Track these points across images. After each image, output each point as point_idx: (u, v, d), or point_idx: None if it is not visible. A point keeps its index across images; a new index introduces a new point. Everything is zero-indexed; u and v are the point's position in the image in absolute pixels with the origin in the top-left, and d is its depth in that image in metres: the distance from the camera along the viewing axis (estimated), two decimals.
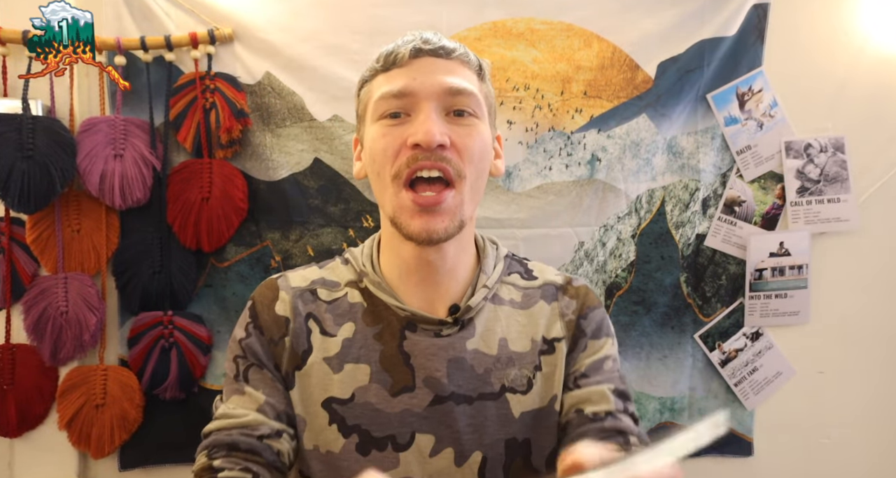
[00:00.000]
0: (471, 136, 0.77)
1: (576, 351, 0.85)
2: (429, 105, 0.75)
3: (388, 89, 0.77)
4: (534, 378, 0.83)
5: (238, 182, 1.46)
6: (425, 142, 0.73)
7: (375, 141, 0.78)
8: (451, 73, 0.77)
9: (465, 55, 0.80)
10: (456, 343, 0.81)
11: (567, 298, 0.89)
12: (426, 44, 0.78)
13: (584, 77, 1.53)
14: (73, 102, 1.45)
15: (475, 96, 0.78)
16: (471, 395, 0.80)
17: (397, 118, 0.77)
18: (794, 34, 1.56)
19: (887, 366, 1.64)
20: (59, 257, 1.45)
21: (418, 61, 0.77)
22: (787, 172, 1.59)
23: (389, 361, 0.81)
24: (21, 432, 1.46)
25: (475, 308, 0.83)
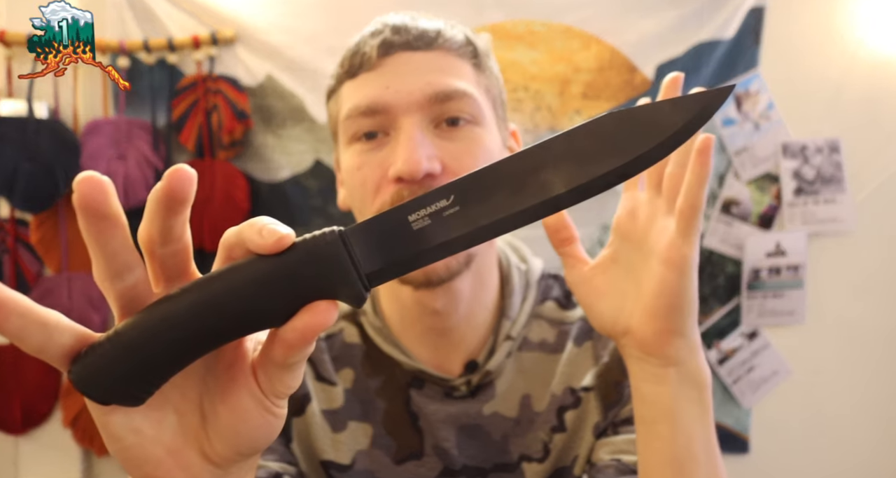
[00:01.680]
0: (469, 152, 0.58)
1: (619, 404, 0.66)
2: (409, 120, 0.57)
3: (355, 105, 0.59)
4: (550, 442, 0.66)
5: (240, 183, 1.48)
6: (408, 173, 0.55)
7: (351, 172, 0.61)
8: (434, 70, 0.58)
9: (451, 40, 0.60)
10: (470, 408, 0.66)
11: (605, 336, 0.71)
12: (397, 34, 0.59)
13: (582, 78, 1.54)
14: (77, 104, 1.46)
15: (470, 97, 0.59)
16: (484, 467, 0.66)
17: (373, 139, 0.59)
18: (790, 37, 1.58)
19: (883, 365, 1.66)
20: (63, 257, 1.46)
21: (390, 60, 0.59)
22: (784, 173, 1.60)
23: (394, 422, 0.66)
24: (26, 430, 1.48)
25: (496, 371, 0.66)
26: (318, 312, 0.29)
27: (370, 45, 0.60)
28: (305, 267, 0.28)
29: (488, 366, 0.65)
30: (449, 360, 0.67)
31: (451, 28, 0.62)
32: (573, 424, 0.67)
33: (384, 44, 0.59)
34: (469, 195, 0.29)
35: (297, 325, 0.29)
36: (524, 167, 0.29)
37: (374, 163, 0.58)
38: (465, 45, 0.61)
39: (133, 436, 0.31)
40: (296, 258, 0.28)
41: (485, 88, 0.62)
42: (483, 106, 0.61)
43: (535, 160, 0.29)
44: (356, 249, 0.29)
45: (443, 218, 0.29)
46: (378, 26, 0.62)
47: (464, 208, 0.29)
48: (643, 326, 0.49)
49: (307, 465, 0.66)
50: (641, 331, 0.49)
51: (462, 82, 0.59)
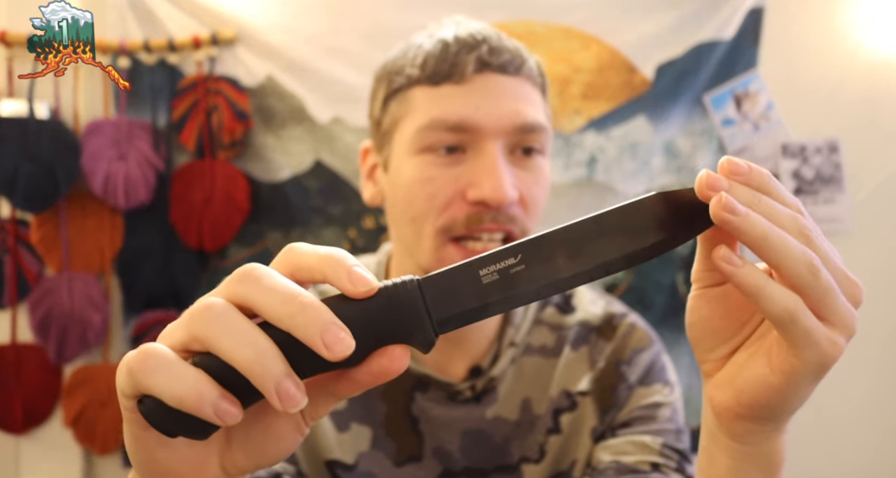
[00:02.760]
0: (538, 183, 0.60)
1: (615, 407, 0.67)
2: (494, 145, 0.57)
3: (440, 117, 0.57)
4: (545, 444, 0.67)
5: (240, 183, 1.48)
6: (496, 200, 0.55)
7: (417, 183, 0.59)
8: (521, 99, 0.59)
9: (532, 68, 0.61)
10: (474, 413, 0.67)
11: (602, 341, 0.70)
12: (493, 54, 0.58)
13: (582, 79, 1.54)
14: (78, 104, 1.46)
15: (546, 131, 0.61)
16: (486, 468, 0.67)
17: (452, 154, 0.58)
18: (790, 37, 1.58)
19: (883, 365, 1.66)
20: (64, 257, 1.47)
21: (481, 79, 0.58)
22: (783, 174, 1.61)
23: (394, 424, 0.67)
24: (27, 429, 1.48)
25: (500, 376, 0.68)
26: (393, 357, 0.30)
27: (464, 58, 0.58)
28: (387, 314, 0.30)
29: (493, 372, 0.66)
30: (453, 364, 0.68)
31: (527, 53, 0.62)
32: (569, 427, 0.68)
33: (480, 61, 0.58)
34: (534, 256, 0.32)
35: (372, 369, 0.30)
36: (581, 236, 0.33)
37: (448, 178, 0.58)
38: (538, 75, 0.63)
39: (165, 450, 0.31)
40: (379, 305, 0.30)
41: (546, 117, 0.64)
42: (550, 137, 0.63)
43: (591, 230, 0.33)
44: (429, 297, 0.31)
45: (510, 275, 0.32)
46: (468, 38, 0.59)
47: (529, 268, 0.32)
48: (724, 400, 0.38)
49: (309, 465, 0.66)
50: (719, 402, 0.38)
51: (539, 114, 0.61)
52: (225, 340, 0.28)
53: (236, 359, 0.27)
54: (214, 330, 0.28)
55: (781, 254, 0.32)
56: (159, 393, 0.28)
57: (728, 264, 0.33)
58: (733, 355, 0.39)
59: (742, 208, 0.32)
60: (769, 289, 0.32)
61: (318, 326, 0.28)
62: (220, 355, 0.28)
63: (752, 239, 0.32)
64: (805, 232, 0.34)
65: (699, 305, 0.39)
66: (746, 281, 0.33)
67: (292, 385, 0.27)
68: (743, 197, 0.33)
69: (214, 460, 0.33)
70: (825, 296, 0.33)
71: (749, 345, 0.38)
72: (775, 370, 0.35)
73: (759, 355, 0.37)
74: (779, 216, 0.33)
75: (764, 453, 0.40)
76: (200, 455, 0.33)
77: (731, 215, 0.32)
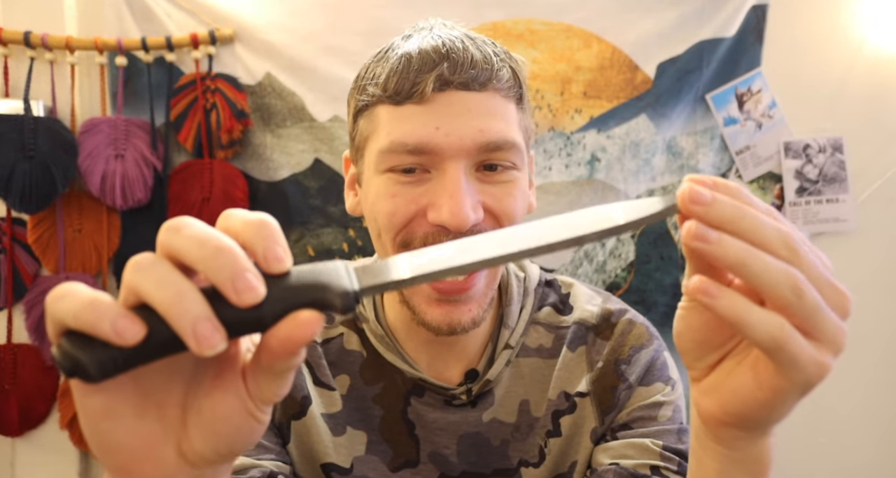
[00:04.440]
0: (510, 195, 0.58)
1: (616, 408, 0.66)
2: (455, 165, 0.55)
3: (399, 140, 0.56)
4: (545, 447, 0.67)
5: (239, 182, 1.47)
6: (454, 226, 0.54)
7: (380, 199, 0.58)
8: (486, 115, 0.56)
9: (502, 79, 0.58)
10: (470, 416, 0.66)
11: (600, 339, 0.69)
12: (455, 73, 0.55)
13: (583, 77, 1.53)
14: (75, 103, 1.45)
15: (516, 147, 0.58)
16: (484, 472, 0.67)
17: (411, 174, 0.57)
18: (793, 35, 1.57)
19: (884, 365, 1.65)
20: (61, 257, 1.45)
21: (443, 97, 0.55)
22: (786, 173, 1.60)
23: (390, 429, 0.66)
24: (23, 431, 1.47)
25: (496, 379, 0.67)
26: (299, 321, 0.29)
27: (424, 76, 0.55)
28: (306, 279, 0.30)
29: (488, 375, 0.66)
30: (448, 368, 0.67)
31: (500, 62, 0.58)
32: (569, 429, 0.67)
33: (441, 79, 0.55)
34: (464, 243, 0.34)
35: (279, 333, 0.29)
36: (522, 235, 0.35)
37: (409, 196, 0.57)
38: (513, 86, 0.60)
39: (111, 421, 0.31)
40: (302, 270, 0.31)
41: (524, 129, 0.62)
42: (523, 151, 0.60)
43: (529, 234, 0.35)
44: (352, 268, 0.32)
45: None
46: (431, 54, 0.56)
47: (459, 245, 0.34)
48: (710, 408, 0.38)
49: (305, 467, 0.66)
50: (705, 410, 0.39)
51: (510, 130, 0.58)
52: (148, 284, 0.28)
53: (156, 299, 0.28)
54: (139, 276, 0.29)
55: (762, 278, 0.31)
56: (63, 315, 0.28)
57: (704, 296, 0.32)
58: (720, 364, 0.38)
59: (713, 235, 0.32)
60: (752, 317, 0.32)
61: (231, 270, 0.28)
62: (143, 298, 0.28)
63: (729, 265, 0.32)
64: (790, 245, 0.32)
65: (687, 317, 0.39)
66: (726, 312, 0.32)
67: (209, 327, 0.27)
68: (726, 212, 0.32)
69: (170, 441, 0.32)
70: (812, 315, 0.32)
71: (737, 354, 0.38)
72: (762, 386, 0.35)
73: (745, 367, 0.36)
74: (763, 231, 0.32)
75: (751, 457, 0.40)
76: (150, 431, 0.32)
77: (703, 244, 0.32)
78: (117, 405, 0.31)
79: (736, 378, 0.36)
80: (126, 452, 0.31)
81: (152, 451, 0.32)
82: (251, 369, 0.32)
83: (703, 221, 0.32)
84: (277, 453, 0.64)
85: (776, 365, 0.33)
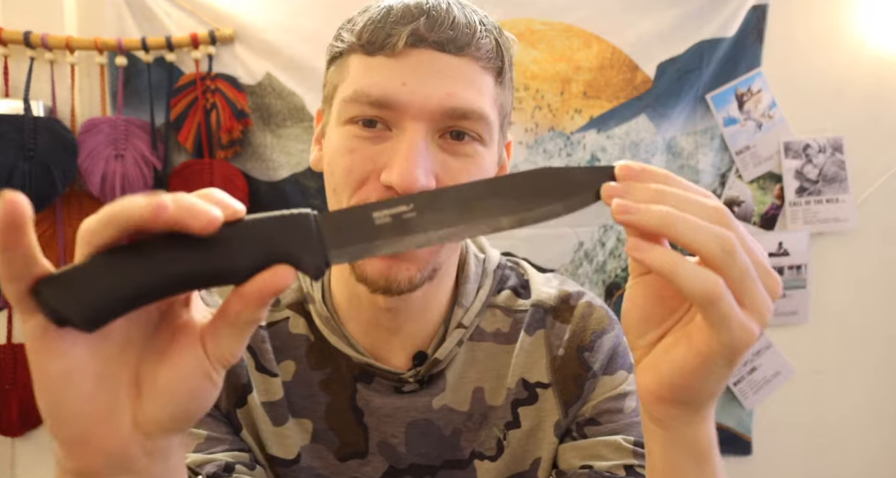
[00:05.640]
0: (467, 171, 0.55)
1: (580, 399, 0.64)
2: (416, 126, 0.53)
3: (363, 90, 0.53)
4: (504, 439, 0.64)
5: (239, 182, 1.47)
6: (402, 187, 0.51)
7: (339, 153, 0.56)
8: (457, 80, 0.53)
9: (483, 48, 0.55)
10: (419, 402, 0.63)
11: (559, 323, 0.66)
12: (431, 29, 0.53)
13: (583, 77, 1.53)
14: (75, 103, 1.45)
15: (484, 120, 0.55)
16: (434, 464, 0.64)
17: (371, 128, 0.54)
18: (793, 35, 1.57)
19: (885, 365, 1.65)
20: (61, 258, 1.45)
21: (415, 53, 0.53)
22: (786, 173, 1.60)
23: (337, 417, 0.63)
24: (23, 431, 1.47)
25: (445, 360, 0.63)
26: (278, 273, 0.31)
27: (399, 29, 0.53)
28: (279, 235, 0.32)
29: (437, 354, 0.62)
30: (395, 352, 0.64)
31: (484, 30, 0.55)
32: (530, 422, 0.64)
33: (415, 34, 0.52)
34: (427, 206, 0.35)
35: (257, 282, 0.31)
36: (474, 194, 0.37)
37: (366, 154, 0.54)
38: (494, 57, 0.56)
39: (69, 387, 0.31)
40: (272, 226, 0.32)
41: (500, 106, 0.59)
42: (493, 127, 0.57)
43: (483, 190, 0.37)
44: (323, 229, 0.33)
45: (402, 219, 0.35)
46: (412, 8, 0.54)
47: (420, 215, 0.35)
48: (647, 384, 0.40)
49: (260, 453, 0.64)
50: (643, 387, 0.40)
51: (481, 101, 0.55)
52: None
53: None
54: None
55: (690, 236, 0.34)
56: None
57: (635, 251, 0.35)
58: (660, 341, 0.40)
59: (634, 206, 0.35)
60: (685, 270, 0.34)
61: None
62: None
63: (655, 227, 0.34)
64: (720, 215, 0.35)
65: (633, 294, 0.41)
66: (656, 263, 0.34)
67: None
68: (643, 195, 0.35)
69: (125, 409, 0.32)
70: (743, 278, 0.34)
71: (675, 331, 0.40)
72: (692, 352, 0.37)
73: (681, 339, 0.38)
74: (686, 203, 0.35)
75: (688, 439, 0.41)
76: (107, 398, 0.32)
77: (627, 216, 0.34)
78: (76, 372, 0.31)
79: (671, 351, 0.38)
80: (82, 420, 0.31)
81: (108, 419, 0.32)
82: (211, 327, 0.33)
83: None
84: (230, 442, 0.61)
85: (708, 324, 0.35)
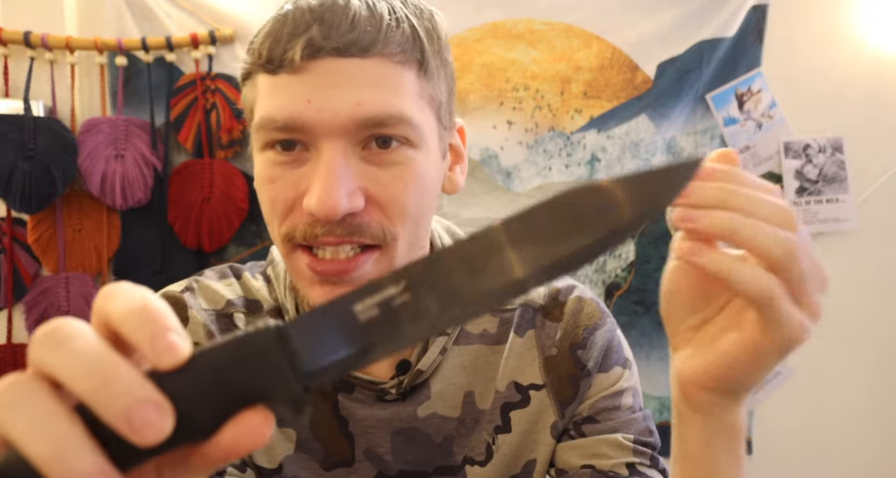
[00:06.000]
0: (400, 179, 0.50)
1: (576, 398, 0.62)
2: (331, 146, 0.48)
3: (269, 115, 0.49)
4: (493, 443, 0.62)
5: (239, 182, 1.47)
6: (322, 214, 0.47)
7: (261, 183, 0.52)
8: (367, 85, 0.48)
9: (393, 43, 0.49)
10: (403, 412, 0.61)
11: (549, 321, 0.64)
12: (329, 37, 0.47)
13: (583, 77, 1.53)
14: (75, 103, 1.45)
15: (406, 122, 0.50)
16: (425, 470, 0.62)
17: (290, 150, 0.50)
18: (793, 35, 1.57)
19: (885, 366, 1.65)
20: (61, 258, 1.45)
21: (315, 66, 0.48)
22: (786, 173, 1.60)
23: (321, 426, 0.61)
24: None
25: (429, 370, 0.61)
26: (248, 426, 0.24)
27: (294, 42, 0.47)
28: (237, 371, 0.24)
29: (420, 365, 0.60)
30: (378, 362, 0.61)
31: (394, 20, 0.49)
32: (523, 425, 0.62)
33: (310, 45, 0.47)
34: (422, 280, 0.26)
35: (222, 442, 0.24)
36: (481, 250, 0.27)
37: (287, 181, 0.50)
38: (411, 49, 0.50)
39: None
40: (228, 361, 0.24)
41: (428, 98, 0.53)
42: (423, 126, 0.51)
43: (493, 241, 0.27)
44: (294, 344, 0.25)
45: (392, 308, 0.26)
46: (305, 14, 0.48)
47: (416, 296, 0.26)
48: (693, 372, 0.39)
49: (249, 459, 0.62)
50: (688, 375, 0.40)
51: (399, 102, 0.49)
52: (19, 431, 0.22)
53: (30, 454, 0.22)
54: (7, 417, 0.23)
55: (755, 242, 0.33)
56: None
57: (693, 256, 0.34)
58: (702, 329, 0.40)
59: (696, 213, 0.33)
60: (743, 271, 0.33)
61: (122, 405, 0.22)
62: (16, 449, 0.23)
63: (720, 235, 0.33)
64: (788, 218, 0.34)
65: (675, 278, 0.40)
66: (716, 266, 0.33)
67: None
68: (707, 197, 0.33)
69: None
70: (800, 281, 0.34)
71: (719, 320, 0.39)
72: (743, 344, 0.36)
73: (729, 330, 0.38)
74: (756, 205, 0.33)
75: (727, 424, 0.41)
76: None
77: (690, 224, 0.33)
78: None
79: (720, 342, 0.38)
80: None
81: None
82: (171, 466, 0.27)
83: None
84: None
85: (763, 321, 0.34)
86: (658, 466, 0.60)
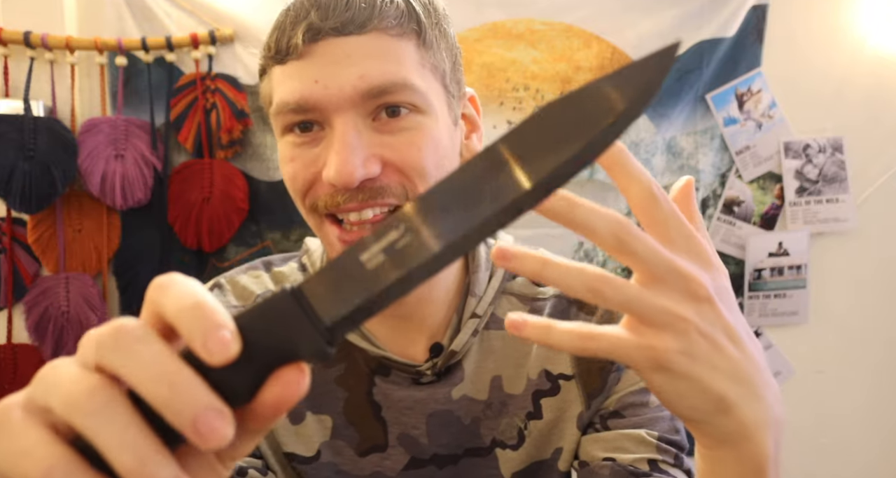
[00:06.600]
0: (414, 143, 0.53)
1: (604, 392, 0.63)
2: (342, 119, 0.52)
3: (282, 100, 0.53)
4: (525, 428, 0.63)
5: (239, 182, 1.47)
6: (341, 183, 0.51)
7: (283, 164, 0.57)
8: (368, 58, 0.52)
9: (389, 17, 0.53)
10: (438, 393, 0.63)
11: (584, 314, 0.65)
12: (324, 18, 0.51)
13: (583, 77, 1.53)
14: (75, 103, 1.45)
15: (410, 88, 0.53)
16: (456, 453, 0.64)
17: (308, 132, 0.54)
18: (793, 35, 1.57)
19: (885, 365, 1.65)
20: (61, 258, 1.45)
21: (318, 48, 0.52)
22: (786, 173, 1.60)
23: (356, 412, 0.63)
24: None
25: (462, 351, 0.63)
26: (286, 382, 0.26)
27: (296, 30, 0.52)
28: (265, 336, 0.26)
29: (453, 346, 0.62)
30: (412, 343, 0.63)
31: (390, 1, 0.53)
32: (552, 413, 0.63)
33: (310, 29, 0.51)
34: (419, 220, 0.27)
35: (267, 400, 0.26)
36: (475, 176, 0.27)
37: (306, 159, 0.54)
38: (406, 21, 0.54)
39: None
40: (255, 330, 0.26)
41: (431, 67, 0.55)
42: (428, 92, 0.54)
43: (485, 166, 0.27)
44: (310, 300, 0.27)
45: (397, 250, 0.27)
46: (305, 2, 0.53)
47: (416, 236, 0.27)
48: None
49: (274, 457, 0.64)
50: None
51: (402, 70, 0.52)
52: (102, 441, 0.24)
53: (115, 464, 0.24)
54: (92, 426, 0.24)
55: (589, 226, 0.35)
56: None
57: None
58: None
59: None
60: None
61: (190, 413, 0.24)
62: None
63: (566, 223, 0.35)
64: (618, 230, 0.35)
65: None
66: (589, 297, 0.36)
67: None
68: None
69: None
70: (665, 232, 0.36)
71: None
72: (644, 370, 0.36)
73: None
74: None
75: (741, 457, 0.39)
76: None
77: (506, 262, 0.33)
78: None
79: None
80: None
81: None
82: None
83: None
84: None
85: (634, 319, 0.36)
86: (683, 466, 0.60)
